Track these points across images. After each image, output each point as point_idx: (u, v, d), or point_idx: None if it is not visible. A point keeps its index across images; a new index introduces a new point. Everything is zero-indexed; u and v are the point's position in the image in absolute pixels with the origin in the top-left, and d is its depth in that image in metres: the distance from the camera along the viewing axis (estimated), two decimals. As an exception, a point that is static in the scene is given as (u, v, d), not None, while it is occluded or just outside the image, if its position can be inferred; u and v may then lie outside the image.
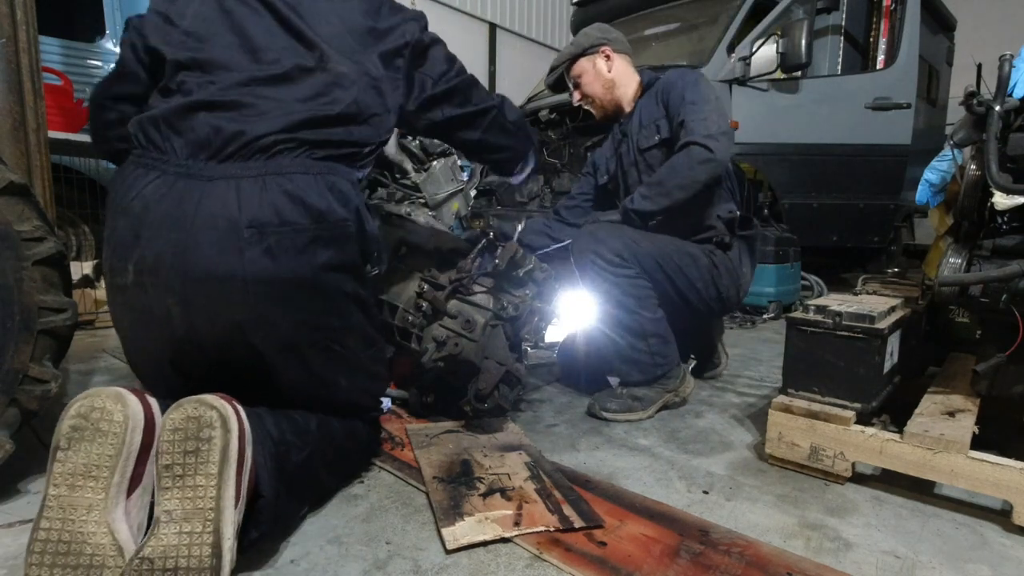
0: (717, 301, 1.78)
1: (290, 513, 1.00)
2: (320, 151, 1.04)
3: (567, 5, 7.60)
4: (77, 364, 2.06)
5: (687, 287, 1.71)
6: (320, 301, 1.04)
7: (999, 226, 1.30)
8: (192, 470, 0.78)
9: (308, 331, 1.04)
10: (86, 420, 0.79)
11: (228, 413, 0.82)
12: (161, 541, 0.76)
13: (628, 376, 1.70)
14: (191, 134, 1.00)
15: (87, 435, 0.79)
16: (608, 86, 1.91)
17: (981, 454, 1.10)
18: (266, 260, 0.96)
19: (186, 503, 0.77)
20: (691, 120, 1.68)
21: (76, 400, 0.81)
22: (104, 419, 0.79)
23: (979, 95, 1.25)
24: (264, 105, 1.02)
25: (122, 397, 0.82)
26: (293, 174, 0.99)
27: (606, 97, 1.92)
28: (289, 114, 1.02)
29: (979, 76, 1.47)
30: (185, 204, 0.95)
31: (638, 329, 1.66)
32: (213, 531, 0.77)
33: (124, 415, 0.80)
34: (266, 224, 0.95)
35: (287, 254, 0.97)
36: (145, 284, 0.98)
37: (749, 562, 0.95)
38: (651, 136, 1.82)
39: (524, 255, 1.48)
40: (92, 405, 0.80)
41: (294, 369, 1.06)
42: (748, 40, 3.31)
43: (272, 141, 1.00)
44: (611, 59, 1.90)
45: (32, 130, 1.51)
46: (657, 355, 1.67)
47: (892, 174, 3.77)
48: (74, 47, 3.15)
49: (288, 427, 1.00)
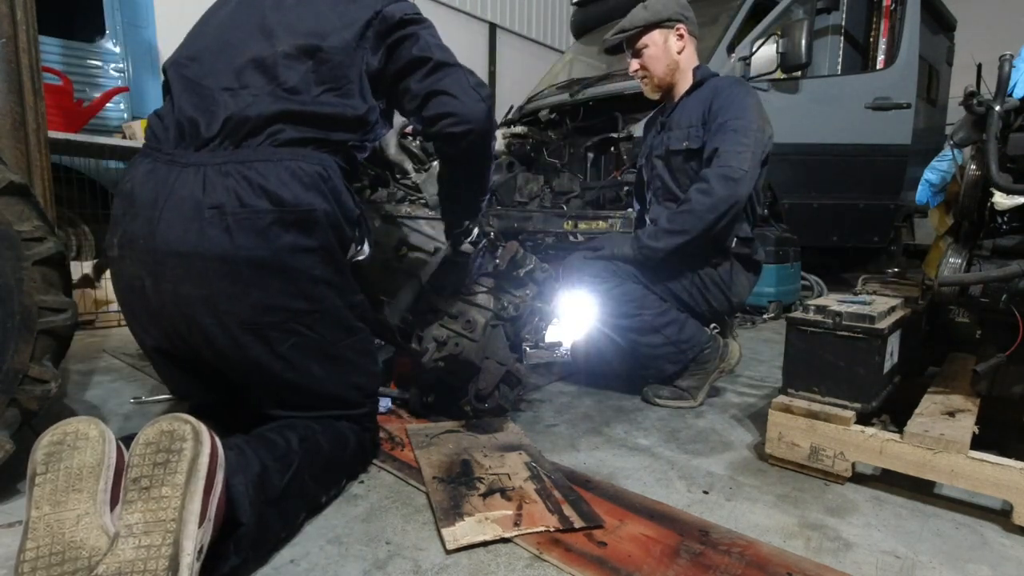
0: (708, 311, 1.79)
1: (275, 536, 0.98)
2: (282, 135, 1.07)
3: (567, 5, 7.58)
4: (77, 364, 2.06)
5: (671, 296, 1.73)
6: (282, 282, 1.05)
7: (999, 226, 1.30)
8: (159, 481, 0.76)
9: (269, 311, 1.05)
10: (61, 444, 0.79)
11: (201, 428, 0.80)
12: (117, 557, 0.72)
13: (663, 371, 1.74)
14: (174, 126, 1.10)
15: (65, 453, 0.78)
16: (672, 67, 1.81)
17: (981, 454, 1.10)
18: (224, 238, 1.00)
19: (148, 515, 0.74)
20: (726, 151, 1.62)
21: (47, 432, 0.80)
22: (80, 438, 0.79)
23: (979, 95, 1.25)
24: (228, 98, 1.08)
25: (93, 420, 0.82)
26: (254, 162, 1.04)
27: (665, 78, 1.83)
28: (247, 105, 1.07)
29: (979, 76, 1.47)
30: (161, 187, 1.04)
31: (647, 327, 1.67)
32: (172, 543, 0.73)
33: (99, 431, 0.80)
34: (225, 206, 1.01)
35: (245, 233, 1.01)
36: (126, 257, 1.08)
37: (749, 562, 0.95)
38: (681, 140, 1.77)
39: (524, 255, 1.48)
40: (65, 431, 0.80)
41: (258, 350, 1.06)
42: (748, 40, 3.31)
43: (233, 130, 1.06)
44: (684, 40, 1.80)
45: (32, 130, 1.51)
46: (679, 342, 1.69)
47: (892, 174, 3.77)
48: (74, 47, 3.15)
49: (268, 454, 0.98)
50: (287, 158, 1.06)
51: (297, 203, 1.04)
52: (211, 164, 1.04)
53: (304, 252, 1.06)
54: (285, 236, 1.03)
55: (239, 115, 1.06)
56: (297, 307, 1.08)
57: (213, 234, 1.00)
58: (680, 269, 1.72)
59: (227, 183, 1.02)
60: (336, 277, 1.13)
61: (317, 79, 1.10)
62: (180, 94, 1.12)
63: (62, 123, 2.69)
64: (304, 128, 1.09)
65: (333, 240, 1.10)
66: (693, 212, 1.62)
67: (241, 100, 1.07)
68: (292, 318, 1.08)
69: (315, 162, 1.08)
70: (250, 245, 1.01)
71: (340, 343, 1.15)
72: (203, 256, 1.00)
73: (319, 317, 1.11)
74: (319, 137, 1.10)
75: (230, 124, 1.06)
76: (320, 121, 1.10)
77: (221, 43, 1.15)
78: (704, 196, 1.61)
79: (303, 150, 1.08)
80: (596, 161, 3.33)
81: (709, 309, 1.78)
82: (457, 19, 6.75)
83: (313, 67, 1.10)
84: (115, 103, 3.18)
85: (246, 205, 1.01)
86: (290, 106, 1.07)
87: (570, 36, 4.80)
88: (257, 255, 1.02)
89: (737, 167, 1.60)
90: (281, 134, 1.07)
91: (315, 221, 1.06)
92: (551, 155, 3.40)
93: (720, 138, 1.65)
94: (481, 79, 1.19)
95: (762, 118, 1.70)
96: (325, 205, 1.07)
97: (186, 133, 1.08)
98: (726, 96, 1.70)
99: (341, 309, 1.15)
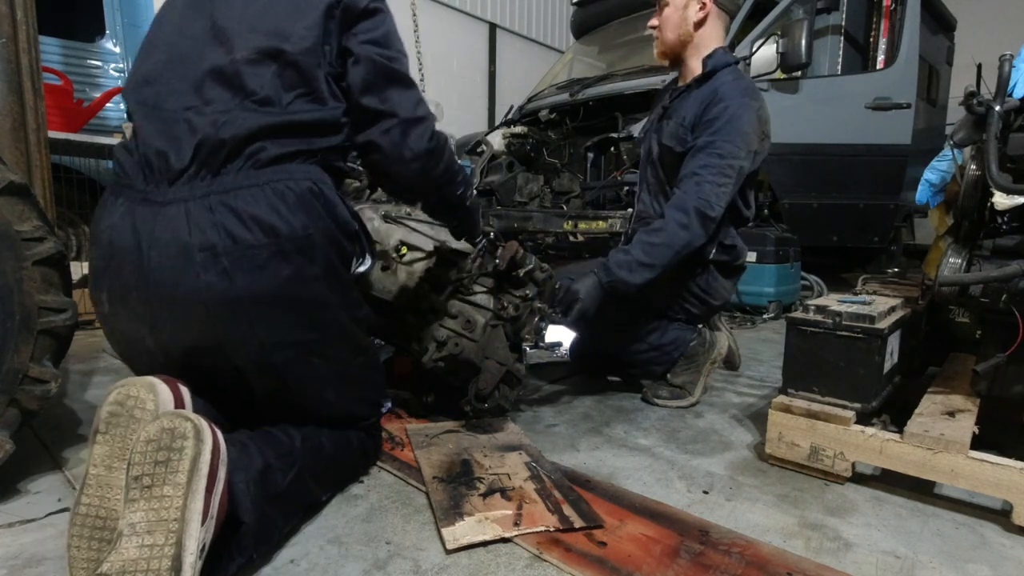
0: (688, 318, 1.78)
1: (278, 534, 0.98)
2: (264, 155, 0.97)
3: (567, 5, 7.59)
4: (77, 364, 2.06)
5: (647, 310, 1.72)
6: (291, 316, 0.99)
7: (999, 226, 1.30)
8: (160, 480, 0.76)
9: (280, 348, 1.00)
10: (122, 407, 0.84)
11: (203, 426, 0.80)
12: (121, 555, 0.73)
13: (654, 374, 1.75)
14: (142, 161, 0.99)
15: (122, 420, 0.83)
16: (684, 38, 1.68)
17: (981, 454, 1.10)
18: (223, 281, 0.92)
19: (151, 514, 0.75)
20: (708, 181, 1.53)
21: (115, 387, 0.86)
22: (138, 407, 0.84)
23: (979, 95, 1.25)
24: (194, 119, 0.97)
25: (154, 387, 0.86)
26: (238, 190, 0.94)
27: (674, 48, 1.71)
28: (218, 125, 0.96)
29: (979, 76, 1.47)
30: (141, 231, 0.94)
31: (629, 338, 1.68)
32: (175, 543, 0.74)
33: (155, 403, 0.85)
34: (217, 246, 0.92)
35: (244, 272, 0.93)
36: (119, 314, 0.99)
37: (749, 562, 0.95)
38: (672, 137, 1.69)
39: (524, 255, 1.48)
40: (128, 393, 0.85)
41: (271, 386, 1.03)
42: (748, 40, 3.31)
43: (209, 157, 0.95)
44: (706, 10, 1.65)
45: (32, 130, 1.51)
46: (662, 346, 1.70)
47: (892, 174, 3.77)
48: (74, 47, 3.15)
49: (271, 451, 0.98)
50: (273, 179, 0.97)
51: (293, 230, 0.96)
52: (192, 199, 0.94)
53: (309, 281, 1.00)
54: (286, 268, 0.96)
55: (212, 139, 0.95)
56: (308, 338, 1.03)
57: (210, 279, 0.92)
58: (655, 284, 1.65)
59: (214, 219, 0.92)
60: (342, 297, 1.07)
61: (285, 84, 1.00)
62: (142, 123, 1.01)
63: (62, 123, 2.69)
64: (286, 141, 1.00)
65: (335, 259, 1.04)
66: (671, 247, 1.53)
67: (207, 119, 0.96)
68: (304, 351, 1.03)
69: (303, 177, 1.00)
70: (252, 284, 0.94)
71: (352, 363, 1.13)
72: (204, 304, 0.93)
73: (331, 343, 1.07)
74: (303, 148, 1.02)
75: (204, 150, 0.96)
76: (301, 130, 1.01)
77: (174, 56, 1.03)
78: (683, 231, 1.53)
79: (289, 165, 1.00)
80: (596, 161, 3.33)
81: (688, 316, 1.78)
82: (457, 19, 6.75)
83: (278, 71, 1.00)
84: (115, 103, 3.18)
85: (240, 242, 0.93)
86: (266, 120, 0.98)
87: (570, 36, 4.80)
88: (261, 293, 0.95)
89: (716, 204, 1.53)
90: (263, 153, 0.97)
91: (314, 245, 0.99)
92: (551, 155, 3.40)
93: (704, 160, 1.56)
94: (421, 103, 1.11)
95: (757, 138, 1.60)
96: (322, 225, 1.00)
97: (155, 167, 0.97)
98: (723, 107, 1.57)
99: (350, 328, 1.11)
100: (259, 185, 0.96)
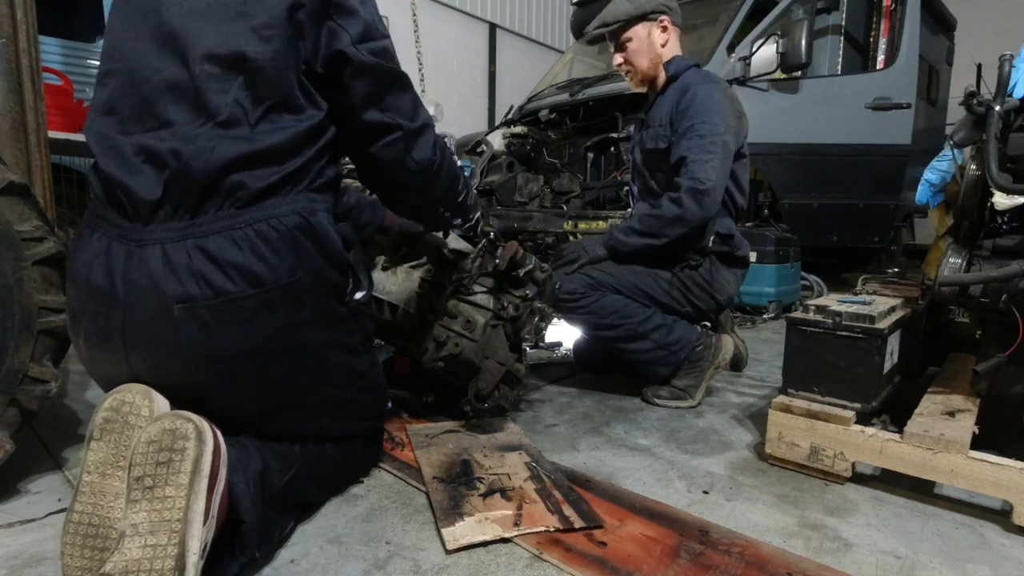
0: (695, 312, 1.79)
1: (278, 534, 0.98)
2: (244, 193, 0.87)
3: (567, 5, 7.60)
4: (77, 364, 2.06)
5: (653, 303, 1.73)
6: (280, 365, 0.93)
7: (999, 226, 1.30)
8: (162, 481, 0.77)
9: (269, 396, 0.96)
10: (117, 413, 0.83)
11: (204, 427, 0.80)
12: (124, 556, 0.73)
13: (657, 374, 1.75)
14: (109, 197, 0.89)
15: (116, 427, 0.83)
16: (655, 61, 1.79)
17: (981, 454, 1.10)
18: (203, 337, 0.85)
19: (153, 515, 0.76)
20: (693, 160, 1.63)
21: (110, 393, 0.85)
22: (132, 413, 0.84)
23: (979, 95, 1.25)
24: (154, 145, 0.87)
25: (149, 393, 0.86)
26: (215, 235, 0.85)
27: (649, 72, 1.82)
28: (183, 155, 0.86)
29: (979, 76, 1.47)
30: (116, 276, 0.85)
31: (632, 335, 1.69)
32: (178, 543, 0.74)
33: (150, 410, 0.84)
34: (196, 298, 0.84)
35: (227, 327, 0.86)
36: (96, 359, 0.93)
37: (749, 562, 0.95)
38: (654, 140, 1.79)
39: (524, 255, 1.48)
40: (123, 399, 0.84)
41: (264, 426, 1.00)
42: (748, 40, 3.31)
43: (182, 195, 0.86)
44: (667, 32, 1.77)
45: (32, 130, 1.51)
46: (668, 344, 1.70)
47: (892, 174, 3.78)
48: (74, 47, 3.15)
49: (270, 452, 0.97)
50: (256, 218, 0.88)
51: (278, 277, 0.88)
52: (168, 241, 0.85)
53: (298, 327, 0.92)
54: (273, 318, 0.89)
55: (181, 173, 0.85)
56: (299, 383, 0.98)
57: (189, 334, 0.85)
58: (658, 274, 1.73)
59: (192, 266, 0.84)
60: (336, 334, 1.00)
61: (253, 97, 0.88)
62: (99, 156, 0.90)
63: (62, 123, 2.69)
64: (263, 172, 0.89)
65: (326, 299, 0.96)
66: (662, 219, 1.66)
67: (166, 145, 0.86)
68: (296, 394, 0.99)
69: (290, 212, 0.90)
70: (236, 338, 0.87)
71: (350, 389, 1.08)
72: (183, 359, 0.86)
73: (322, 382, 1.02)
74: (288, 172, 0.91)
75: (176, 187, 0.86)
76: (276, 156, 0.90)
77: (126, 69, 0.91)
78: (674, 206, 1.64)
79: (275, 199, 0.90)
80: (596, 161, 3.33)
81: (695, 310, 1.78)
82: (457, 19, 6.75)
83: (244, 83, 0.88)
84: (115, 103, 3.18)
85: (221, 294, 0.84)
86: (236, 149, 0.87)
87: (570, 36, 4.80)
88: (246, 347, 0.88)
89: (704, 178, 1.61)
90: (242, 191, 0.87)
91: (303, 289, 0.91)
92: (551, 155, 3.40)
93: (686, 144, 1.66)
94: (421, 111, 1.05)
95: (732, 115, 1.70)
96: (311, 264, 0.92)
97: (123, 203, 0.87)
98: (691, 95, 1.68)
99: (347, 361, 1.05)
100: (240, 227, 0.87)
